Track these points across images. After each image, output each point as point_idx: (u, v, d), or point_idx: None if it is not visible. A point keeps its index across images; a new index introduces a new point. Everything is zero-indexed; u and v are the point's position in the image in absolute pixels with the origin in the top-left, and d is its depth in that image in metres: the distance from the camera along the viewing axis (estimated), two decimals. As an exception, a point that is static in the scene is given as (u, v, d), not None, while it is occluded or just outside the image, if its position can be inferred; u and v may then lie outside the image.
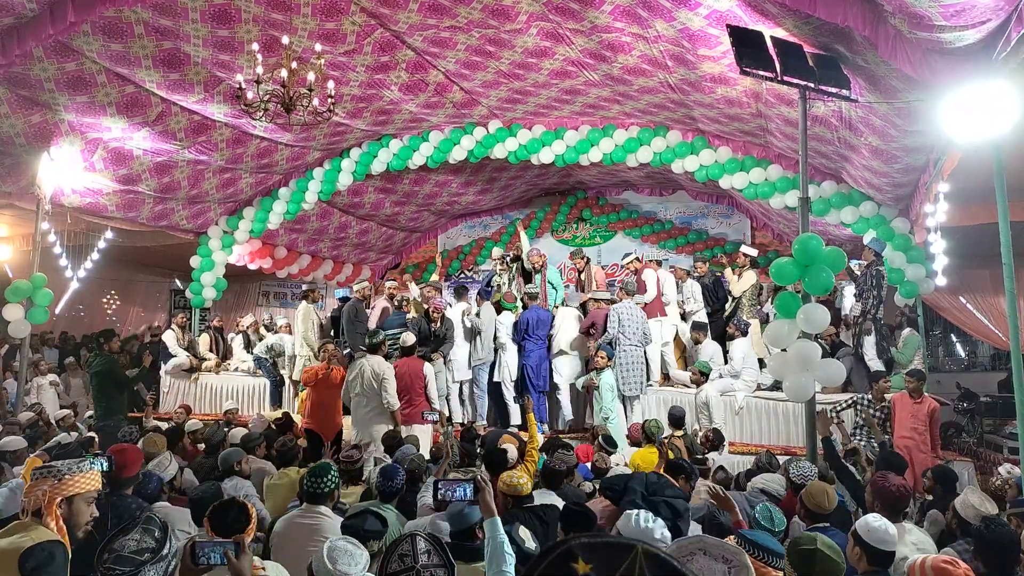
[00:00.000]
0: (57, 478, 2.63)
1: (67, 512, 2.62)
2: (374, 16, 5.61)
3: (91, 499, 2.74)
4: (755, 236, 10.87)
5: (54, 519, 2.57)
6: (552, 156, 8.34)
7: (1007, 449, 7.96)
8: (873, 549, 2.64)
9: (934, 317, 10.54)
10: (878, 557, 2.65)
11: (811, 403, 5.16)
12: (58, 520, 2.57)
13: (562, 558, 0.86)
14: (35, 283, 7.13)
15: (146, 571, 1.95)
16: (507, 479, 3.82)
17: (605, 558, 0.85)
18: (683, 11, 4.87)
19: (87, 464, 2.77)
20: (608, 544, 0.87)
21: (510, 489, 3.77)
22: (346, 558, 2.31)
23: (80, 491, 2.67)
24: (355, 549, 2.38)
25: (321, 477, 3.53)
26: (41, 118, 6.43)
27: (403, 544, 2.19)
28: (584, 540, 0.88)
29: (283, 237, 10.49)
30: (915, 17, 3.49)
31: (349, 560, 2.31)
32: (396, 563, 2.14)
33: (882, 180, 6.50)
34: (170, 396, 9.44)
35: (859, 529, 2.71)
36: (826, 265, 4.85)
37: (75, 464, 2.71)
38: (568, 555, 0.86)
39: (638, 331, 7.67)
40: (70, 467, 2.68)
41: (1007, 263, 4.00)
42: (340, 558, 2.29)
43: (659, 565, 0.84)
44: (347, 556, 2.32)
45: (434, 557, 2.17)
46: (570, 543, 0.88)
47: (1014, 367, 3.99)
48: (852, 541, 2.72)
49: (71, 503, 2.64)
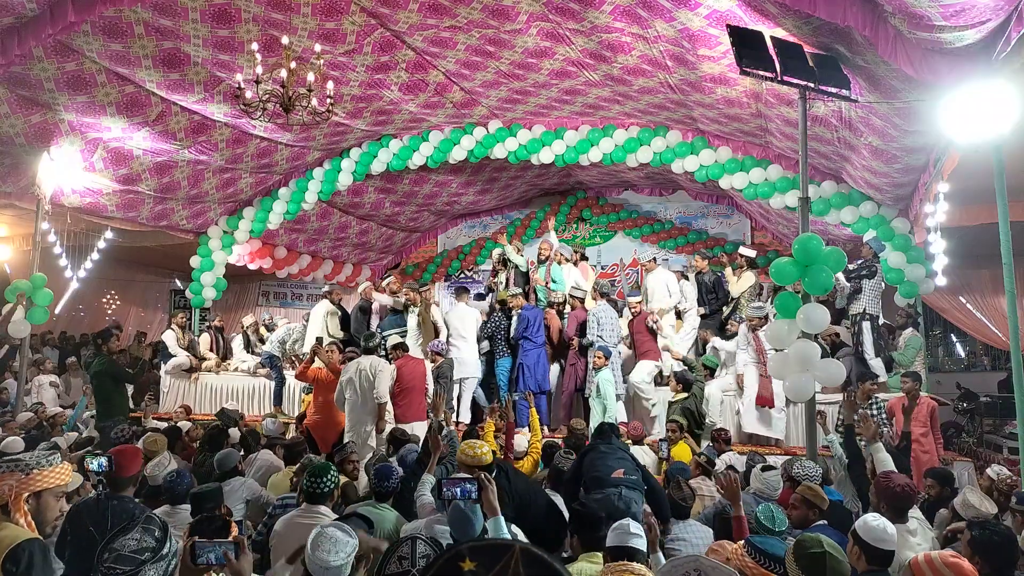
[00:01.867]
0: (25, 472, 2.50)
1: (35, 508, 2.51)
2: (374, 16, 5.61)
3: (60, 494, 2.62)
4: (755, 236, 10.87)
5: (22, 515, 2.46)
6: (552, 156, 8.34)
7: (1007, 449, 7.96)
8: (872, 548, 2.64)
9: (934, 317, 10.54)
10: (877, 556, 2.65)
11: (811, 403, 5.17)
12: (26, 516, 2.47)
13: (451, 559, 0.95)
14: (35, 283, 7.12)
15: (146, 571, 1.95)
16: (466, 448, 3.64)
17: (487, 556, 0.94)
18: (683, 11, 4.87)
19: (56, 458, 2.63)
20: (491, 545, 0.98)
21: (472, 459, 3.57)
22: (328, 544, 2.35)
23: (49, 486, 2.55)
24: (343, 536, 2.40)
25: (321, 477, 3.54)
26: (41, 118, 6.43)
27: (403, 547, 2.19)
28: (471, 543, 0.99)
29: (283, 237, 10.49)
30: (915, 17, 3.49)
31: (331, 547, 2.34)
32: (394, 565, 2.14)
33: (882, 180, 6.50)
34: (170, 396, 9.44)
35: (859, 528, 2.72)
36: (826, 265, 4.85)
37: (44, 457, 2.58)
38: (457, 556, 0.96)
39: (614, 332, 7.77)
40: (39, 460, 2.55)
41: (1007, 263, 4.00)
42: (322, 544, 2.35)
43: (534, 563, 0.94)
44: (330, 543, 2.36)
45: None
46: (459, 546, 0.98)
47: (1014, 367, 3.99)
48: (852, 540, 2.72)
49: (39, 498, 2.52)
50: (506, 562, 0.92)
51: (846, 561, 2.46)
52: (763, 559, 2.51)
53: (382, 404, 6.29)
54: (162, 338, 9.69)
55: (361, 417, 6.34)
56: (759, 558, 2.52)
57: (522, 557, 0.93)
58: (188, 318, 10.34)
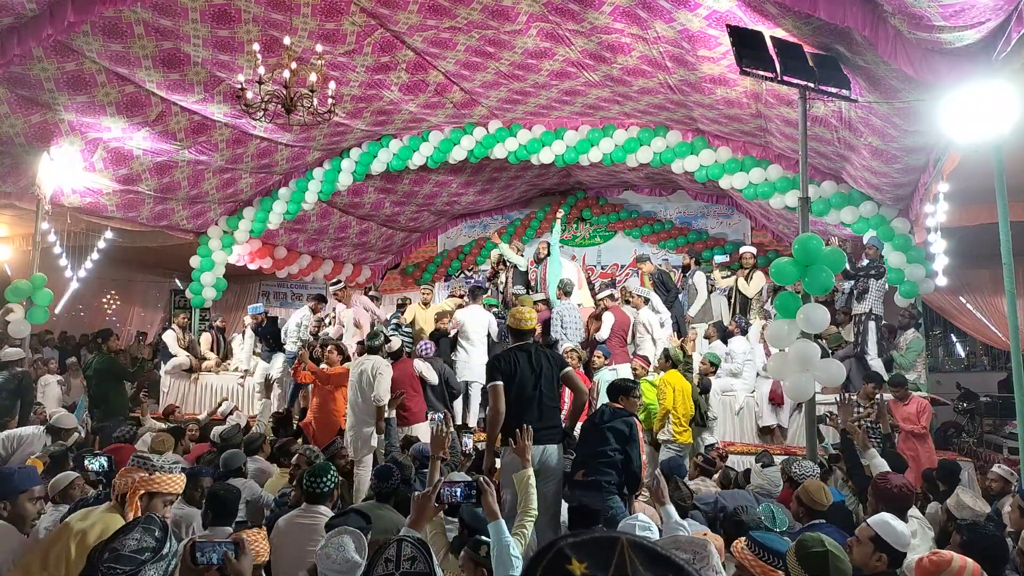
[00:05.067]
0: (149, 472, 2.71)
1: (146, 506, 2.67)
2: (374, 16, 5.62)
3: (168, 501, 2.83)
4: (755, 236, 10.87)
5: (133, 510, 2.63)
6: (552, 156, 8.34)
7: (1007, 449, 7.95)
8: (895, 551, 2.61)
9: (934, 317, 10.54)
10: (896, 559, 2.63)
11: (811, 403, 5.17)
12: (136, 511, 2.63)
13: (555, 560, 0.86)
14: (35, 283, 7.12)
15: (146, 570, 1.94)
16: (514, 312, 4.33)
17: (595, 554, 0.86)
18: (683, 12, 4.87)
19: (178, 467, 2.87)
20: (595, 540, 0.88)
21: (515, 321, 4.25)
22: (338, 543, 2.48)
23: (163, 490, 2.74)
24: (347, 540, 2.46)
25: (320, 477, 3.55)
26: (41, 118, 6.43)
27: (389, 549, 2.19)
28: (571, 540, 0.88)
29: (283, 237, 10.49)
30: (915, 17, 3.49)
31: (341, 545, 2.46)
32: (380, 567, 2.15)
33: (882, 180, 6.50)
34: (170, 396, 9.42)
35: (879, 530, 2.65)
36: (826, 265, 4.85)
37: (168, 464, 2.81)
38: (560, 556, 0.86)
39: (578, 331, 7.77)
40: (162, 465, 2.78)
41: (1007, 263, 4.00)
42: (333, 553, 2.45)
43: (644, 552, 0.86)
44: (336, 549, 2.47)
45: (419, 564, 2.15)
46: (559, 545, 0.88)
47: (1014, 367, 3.99)
48: (871, 545, 2.65)
49: (151, 499, 2.70)
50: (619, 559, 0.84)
51: (847, 560, 2.46)
52: (765, 554, 2.50)
53: (380, 407, 6.28)
54: (162, 338, 9.68)
55: (361, 417, 6.33)
56: (761, 553, 2.52)
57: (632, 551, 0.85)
58: (188, 318, 10.34)
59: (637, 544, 0.87)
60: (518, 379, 4.15)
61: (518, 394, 4.13)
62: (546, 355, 4.32)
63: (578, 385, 4.44)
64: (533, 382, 4.17)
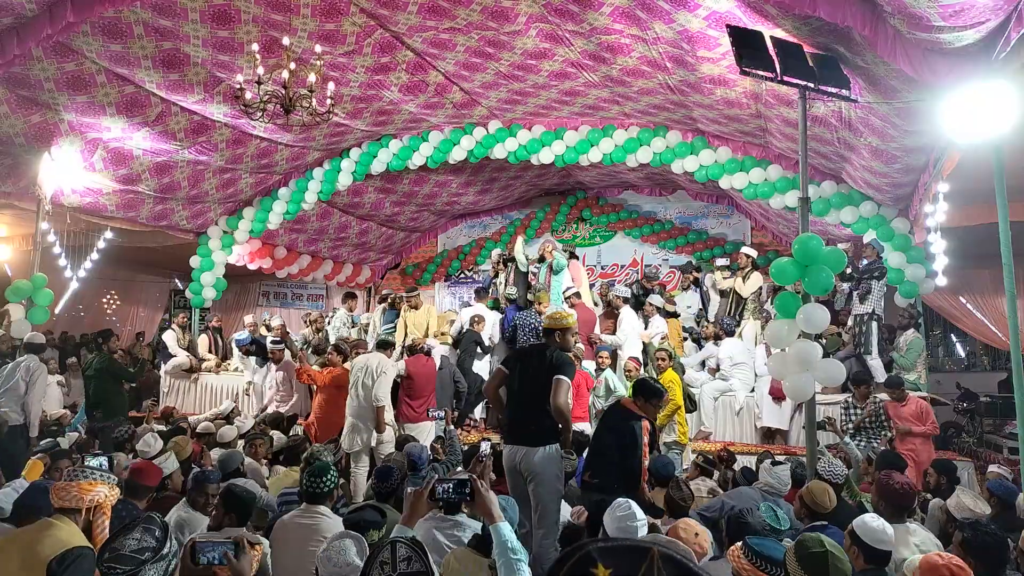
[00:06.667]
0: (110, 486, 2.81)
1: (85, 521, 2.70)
2: (374, 17, 5.62)
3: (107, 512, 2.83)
4: (755, 236, 10.87)
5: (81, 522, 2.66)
6: (552, 156, 8.34)
7: (1007, 449, 7.95)
8: (870, 548, 2.65)
9: (934, 317, 10.54)
10: (876, 557, 2.66)
11: (811, 403, 5.17)
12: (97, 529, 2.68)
13: (580, 563, 0.85)
14: (35, 283, 7.13)
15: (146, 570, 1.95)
16: (553, 313, 4.50)
17: (623, 561, 0.84)
18: (682, 12, 4.87)
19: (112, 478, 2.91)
20: (625, 547, 0.87)
21: (553, 322, 4.36)
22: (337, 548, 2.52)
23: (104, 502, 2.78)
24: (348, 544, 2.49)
25: (320, 477, 3.54)
26: (41, 118, 6.43)
27: (384, 552, 2.19)
28: (600, 544, 0.87)
29: (283, 237, 10.49)
30: (914, 17, 3.49)
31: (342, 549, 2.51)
32: (376, 571, 2.15)
33: (882, 180, 6.50)
34: (170, 396, 9.44)
35: (857, 528, 2.73)
36: (826, 265, 4.85)
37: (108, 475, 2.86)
38: (586, 559, 0.85)
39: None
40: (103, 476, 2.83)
41: (1007, 263, 4.00)
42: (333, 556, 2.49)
43: (675, 565, 0.84)
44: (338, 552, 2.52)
45: (415, 564, 2.15)
46: (587, 548, 0.87)
47: (1014, 367, 3.99)
48: (848, 540, 2.73)
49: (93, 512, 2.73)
50: (647, 570, 0.83)
51: (847, 560, 2.46)
52: (760, 561, 2.50)
53: (380, 407, 6.24)
54: (162, 338, 9.68)
55: (361, 415, 6.32)
56: (756, 560, 2.52)
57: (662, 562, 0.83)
58: (188, 318, 10.34)
59: (668, 556, 0.85)
60: (516, 373, 4.36)
61: (508, 388, 4.41)
62: (547, 357, 4.25)
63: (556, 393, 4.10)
64: (519, 380, 4.31)
